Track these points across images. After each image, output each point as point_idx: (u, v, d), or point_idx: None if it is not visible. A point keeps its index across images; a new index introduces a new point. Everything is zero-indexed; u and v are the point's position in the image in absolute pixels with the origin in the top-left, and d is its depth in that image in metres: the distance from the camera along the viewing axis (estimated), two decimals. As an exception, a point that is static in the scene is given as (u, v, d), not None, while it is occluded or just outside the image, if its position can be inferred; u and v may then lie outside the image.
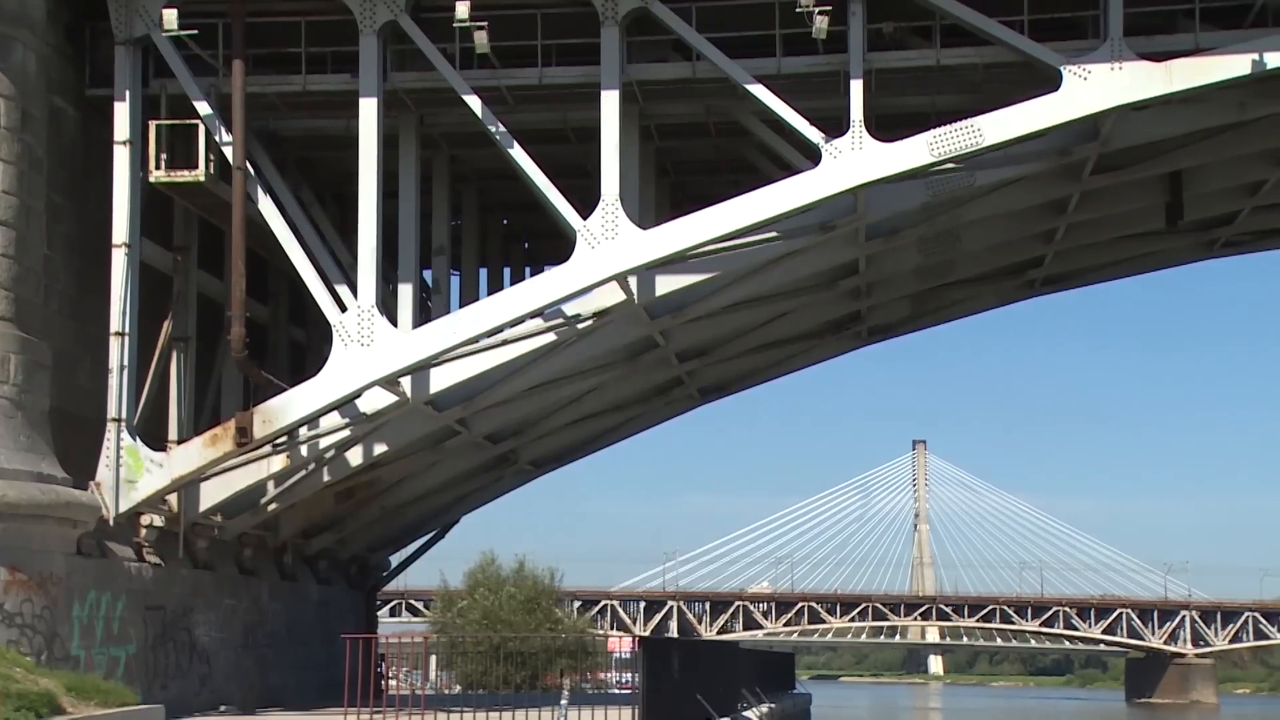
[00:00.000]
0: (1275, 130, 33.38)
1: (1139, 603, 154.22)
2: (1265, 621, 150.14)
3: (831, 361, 46.48)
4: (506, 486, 45.10)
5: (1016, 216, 36.09)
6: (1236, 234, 41.62)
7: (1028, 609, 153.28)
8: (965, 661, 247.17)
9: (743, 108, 30.92)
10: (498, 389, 33.44)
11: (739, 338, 39.29)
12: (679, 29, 29.58)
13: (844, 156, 29.04)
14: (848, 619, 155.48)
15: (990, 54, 29.47)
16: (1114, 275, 45.04)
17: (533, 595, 61.23)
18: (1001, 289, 43.50)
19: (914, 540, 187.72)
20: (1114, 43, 28.37)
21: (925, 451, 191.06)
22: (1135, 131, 31.33)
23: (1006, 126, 28.82)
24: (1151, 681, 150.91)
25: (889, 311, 42.85)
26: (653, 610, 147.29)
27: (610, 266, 29.61)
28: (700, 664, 32.03)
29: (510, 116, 30.61)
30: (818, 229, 31.68)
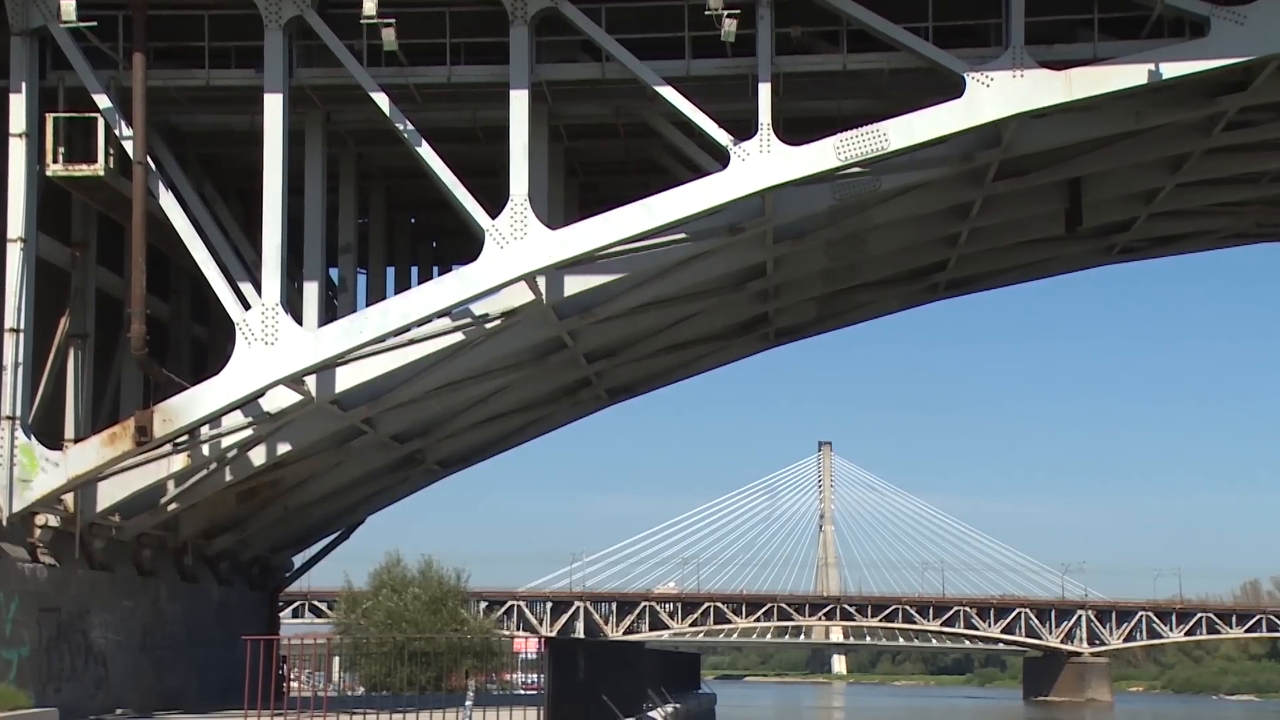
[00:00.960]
0: (1170, 139, 34.15)
1: (1037, 603, 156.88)
2: (1158, 621, 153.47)
3: (739, 363, 46.82)
4: (413, 487, 44.81)
5: (921, 221, 36.56)
6: (1133, 240, 42.52)
7: (929, 609, 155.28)
8: (868, 661, 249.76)
9: (652, 109, 31.01)
10: (404, 389, 33.22)
11: (647, 339, 39.39)
12: (588, 29, 29.59)
13: (752, 159, 29.24)
14: (753, 619, 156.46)
15: (896, 60, 29.84)
16: (1015, 280, 45.81)
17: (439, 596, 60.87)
18: (906, 292, 44.05)
19: (819, 541, 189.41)
20: (1016, 51, 28.85)
21: (831, 453, 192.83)
22: (1036, 138, 31.88)
23: (911, 132, 29.21)
24: (1048, 680, 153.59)
25: (796, 313, 43.20)
26: (559, 611, 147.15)
27: (519, 266, 29.54)
28: (606, 664, 32.06)
29: (418, 114, 30.41)
30: (726, 231, 31.86)
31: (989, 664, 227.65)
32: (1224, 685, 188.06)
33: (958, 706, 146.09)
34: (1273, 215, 42.35)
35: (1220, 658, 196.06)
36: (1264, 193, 40.06)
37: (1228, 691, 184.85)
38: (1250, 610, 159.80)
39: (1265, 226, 43.20)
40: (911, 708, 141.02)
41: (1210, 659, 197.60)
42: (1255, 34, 28.35)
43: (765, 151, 29.23)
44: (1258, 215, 42.39)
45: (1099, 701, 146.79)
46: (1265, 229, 43.42)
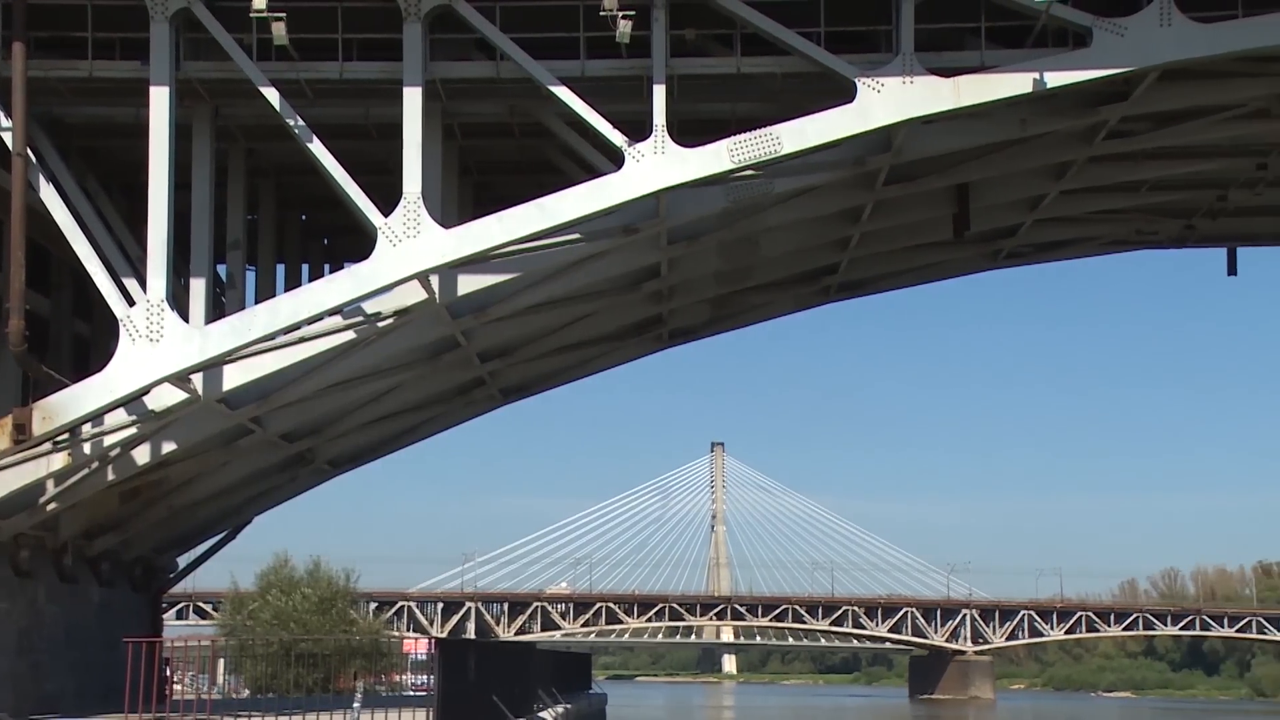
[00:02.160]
0: (1054, 147, 34.88)
1: (923, 602, 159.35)
2: (1040, 619, 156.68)
3: (633, 363, 46.92)
4: (302, 486, 44.27)
5: (813, 224, 36.93)
6: (1019, 245, 43.36)
7: (819, 608, 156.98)
8: (758, 660, 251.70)
9: (547, 109, 30.97)
10: (294, 387, 32.80)
11: (541, 339, 39.32)
12: (483, 28, 29.47)
13: (646, 160, 29.33)
14: (645, 619, 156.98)
15: (789, 64, 30.12)
16: (905, 283, 46.47)
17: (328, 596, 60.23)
18: (799, 294, 44.47)
19: (711, 541, 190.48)
20: (905, 57, 29.28)
21: (723, 453, 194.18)
22: (925, 144, 32.37)
23: (804, 135, 29.51)
24: (934, 678, 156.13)
25: (690, 315, 43.41)
26: (450, 611, 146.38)
27: (411, 265, 29.33)
28: (497, 665, 31.96)
29: (310, 111, 30.06)
30: (620, 232, 31.92)
31: (876, 663, 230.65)
32: (1102, 683, 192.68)
33: (845, 705, 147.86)
34: (1151, 223, 43.45)
35: (1099, 656, 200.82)
36: (1143, 201, 41.10)
37: (1105, 689, 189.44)
38: (1128, 609, 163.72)
39: (1144, 234, 44.29)
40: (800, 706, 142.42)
41: (1089, 657, 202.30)
42: (1135, 45, 29.07)
43: (660, 153, 29.34)
44: (1137, 223, 43.46)
45: (982, 699, 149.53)
46: (1144, 236, 44.51)
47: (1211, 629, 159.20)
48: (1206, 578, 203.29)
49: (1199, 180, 39.82)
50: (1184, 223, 42.95)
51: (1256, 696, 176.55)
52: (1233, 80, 32.02)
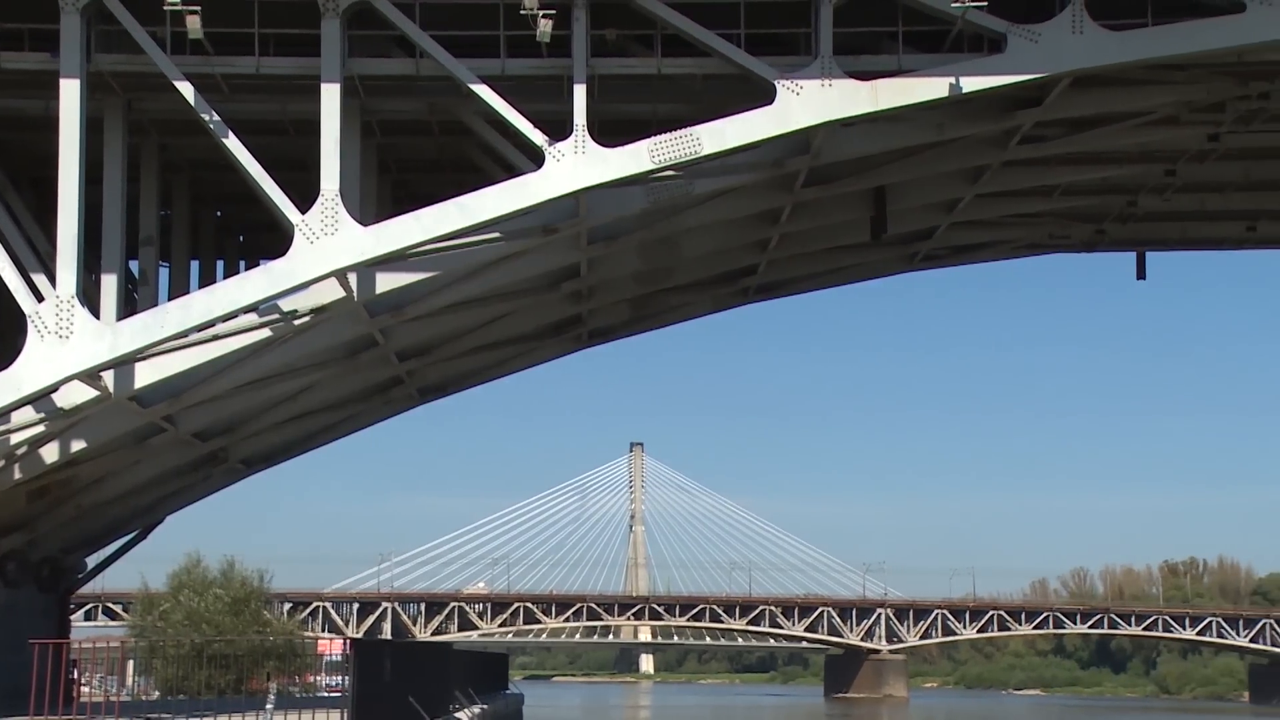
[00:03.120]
0: (970, 151, 35.33)
1: (839, 601, 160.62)
2: (953, 619, 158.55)
3: (552, 363, 46.86)
4: (216, 485, 43.72)
5: (732, 225, 37.11)
6: (935, 248, 43.88)
7: (736, 608, 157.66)
8: (675, 660, 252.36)
9: (467, 107, 30.84)
10: (207, 385, 32.40)
11: (460, 338, 39.15)
12: (402, 25, 29.29)
13: (567, 160, 29.31)
14: (562, 619, 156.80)
15: (709, 65, 30.23)
16: (823, 284, 46.84)
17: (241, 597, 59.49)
18: (717, 295, 44.65)
19: (629, 541, 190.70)
20: (824, 60, 29.51)
21: (642, 453, 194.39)
22: (843, 147, 32.65)
23: (723, 137, 29.65)
24: (848, 677, 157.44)
25: (609, 315, 43.43)
26: (367, 612, 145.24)
27: (329, 263, 29.09)
28: (413, 666, 31.78)
29: (225, 106, 29.70)
30: (540, 231, 31.87)
31: (792, 662, 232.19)
32: (1013, 680, 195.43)
33: (761, 704, 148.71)
34: (1064, 227, 44.15)
35: (1009, 654, 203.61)
36: (1056, 205, 41.76)
37: (1016, 686, 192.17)
38: (1038, 608, 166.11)
39: (1057, 237, 44.99)
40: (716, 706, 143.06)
41: (1000, 655, 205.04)
42: (1048, 52, 29.52)
43: (580, 153, 29.33)
44: (1050, 227, 44.14)
45: (895, 697, 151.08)
46: (1057, 239, 45.21)
47: (1119, 627, 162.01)
48: (1114, 577, 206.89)
49: (1110, 185, 40.54)
50: (1095, 227, 43.70)
51: (1162, 694, 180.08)
52: (1142, 87, 32.64)
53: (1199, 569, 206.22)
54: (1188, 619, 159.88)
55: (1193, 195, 41.40)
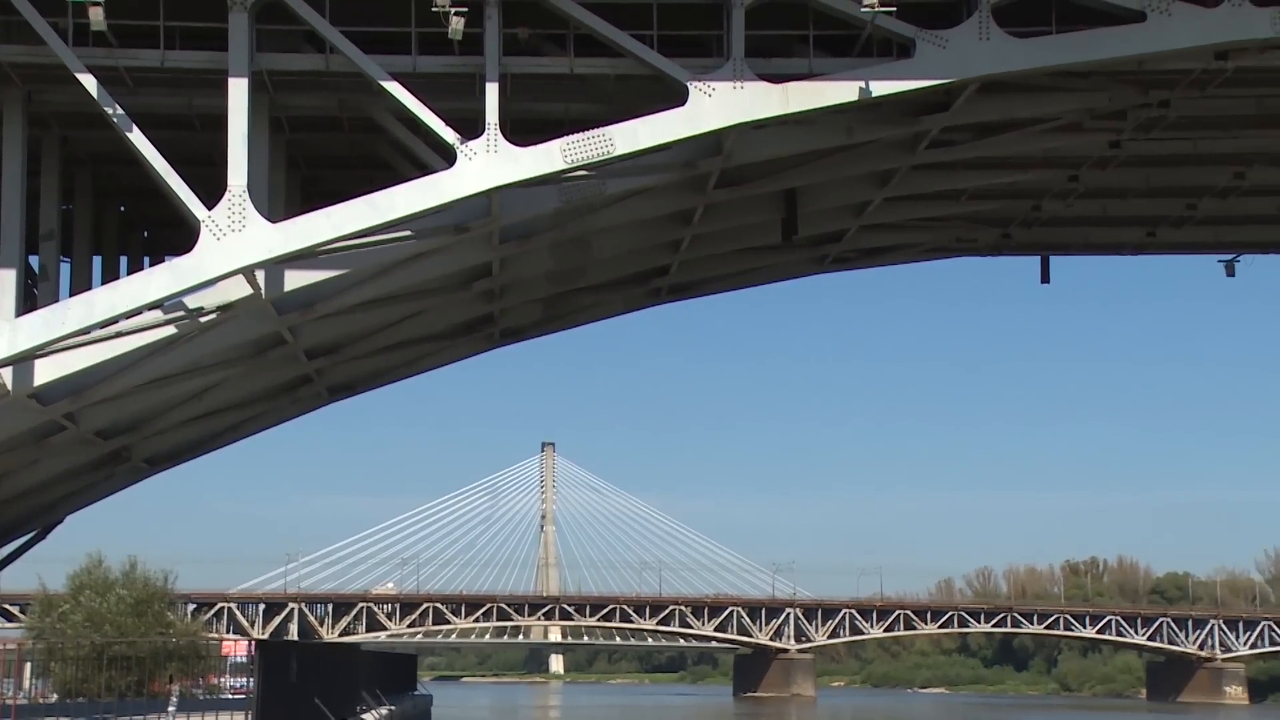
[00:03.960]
0: (879, 155, 35.73)
1: (749, 601, 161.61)
2: (860, 618, 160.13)
3: (464, 362, 46.66)
4: (119, 485, 43.01)
5: (645, 226, 37.20)
6: (845, 251, 44.31)
7: (646, 608, 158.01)
8: (585, 660, 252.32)
9: (378, 104, 30.62)
10: (110, 383, 31.85)
11: (370, 336, 38.85)
12: (311, 19, 29.02)
13: (479, 159, 29.21)
14: (472, 619, 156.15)
15: (622, 65, 30.28)
16: (734, 286, 47.09)
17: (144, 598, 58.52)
18: (630, 295, 44.73)
19: (540, 541, 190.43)
20: (736, 62, 29.69)
21: (554, 453, 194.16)
22: (755, 149, 32.86)
23: (636, 137, 29.71)
24: (757, 676, 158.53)
25: (521, 314, 43.33)
26: (273, 612, 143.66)
27: (236, 259, 28.73)
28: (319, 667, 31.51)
29: (130, 99, 29.24)
30: (452, 230, 31.72)
31: (702, 661, 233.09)
32: (918, 679, 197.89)
33: (670, 704, 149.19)
34: (971, 231, 44.78)
35: (915, 653, 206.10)
36: (963, 209, 42.35)
37: (921, 685, 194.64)
38: (944, 607, 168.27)
39: (964, 241, 45.62)
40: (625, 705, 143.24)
41: (906, 654, 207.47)
42: (955, 57, 29.94)
43: (492, 151, 29.24)
44: (957, 230, 44.75)
45: (803, 696, 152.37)
46: (964, 243, 45.84)
47: (1022, 626, 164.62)
48: (1018, 576, 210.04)
49: (1015, 190, 41.18)
50: (1001, 231, 44.37)
51: (1062, 691, 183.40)
52: (1047, 94, 33.21)
53: (1099, 569, 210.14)
54: (1088, 618, 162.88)
55: (1095, 201, 42.19)
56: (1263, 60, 30.95)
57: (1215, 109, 34.74)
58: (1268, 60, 30.96)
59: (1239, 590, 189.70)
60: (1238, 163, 39.08)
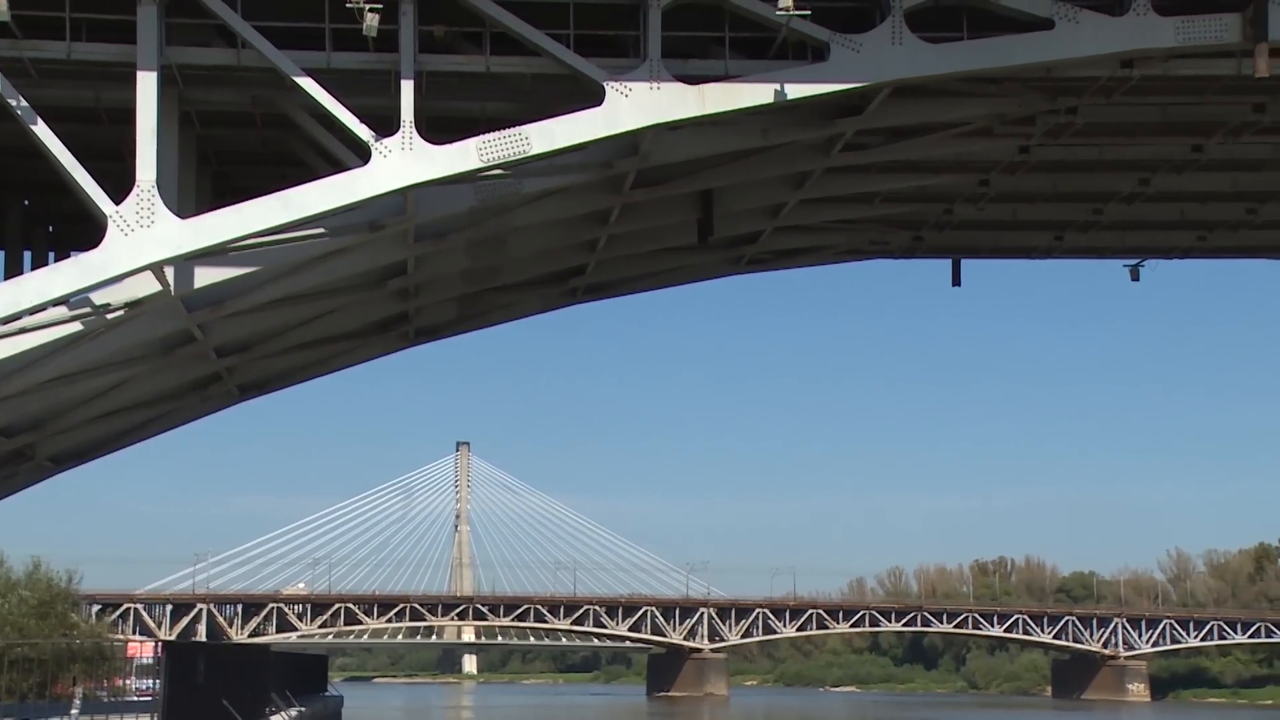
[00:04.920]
0: (794, 157, 35.99)
1: (663, 601, 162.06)
2: (773, 617, 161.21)
3: (378, 361, 46.32)
4: (21, 483, 42.15)
5: (561, 225, 37.17)
6: (760, 252, 44.58)
7: (560, 608, 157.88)
8: (498, 660, 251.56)
9: (291, 100, 30.31)
10: (13, 380, 31.22)
11: (282, 334, 38.44)
12: (222, 13, 28.66)
13: (394, 156, 29.02)
14: (385, 620, 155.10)
15: (538, 65, 30.24)
16: (651, 286, 47.20)
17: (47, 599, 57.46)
18: (546, 295, 44.67)
19: (454, 541, 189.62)
20: (653, 63, 29.76)
21: (469, 453, 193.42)
22: (671, 149, 32.96)
23: (552, 137, 29.68)
24: (671, 676, 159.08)
25: (436, 313, 43.11)
26: (181, 613, 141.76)
27: (144, 255, 28.31)
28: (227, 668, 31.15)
29: (34, 91, 28.69)
30: (366, 228, 31.49)
31: (616, 661, 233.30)
32: (830, 678, 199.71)
33: (583, 704, 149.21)
34: (884, 233, 45.25)
35: (827, 652, 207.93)
36: (876, 212, 42.79)
37: (833, 684, 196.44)
38: (856, 606, 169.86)
39: (877, 244, 46.09)
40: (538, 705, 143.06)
41: (818, 653, 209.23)
42: (869, 61, 30.23)
43: (407, 149, 29.07)
44: (871, 233, 45.21)
45: (716, 695, 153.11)
46: (877, 245, 46.31)
47: (932, 625, 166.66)
48: (928, 576, 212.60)
49: (927, 194, 41.68)
50: (913, 234, 44.89)
51: (970, 689, 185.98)
52: (958, 99, 33.66)
53: (1007, 568, 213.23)
54: (996, 616, 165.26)
55: (1005, 205, 42.80)
56: (1166, 69, 31.58)
57: (1121, 116, 35.40)
58: (1171, 69, 31.60)
59: (1142, 589, 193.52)
60: (1142, 169, 39.86)
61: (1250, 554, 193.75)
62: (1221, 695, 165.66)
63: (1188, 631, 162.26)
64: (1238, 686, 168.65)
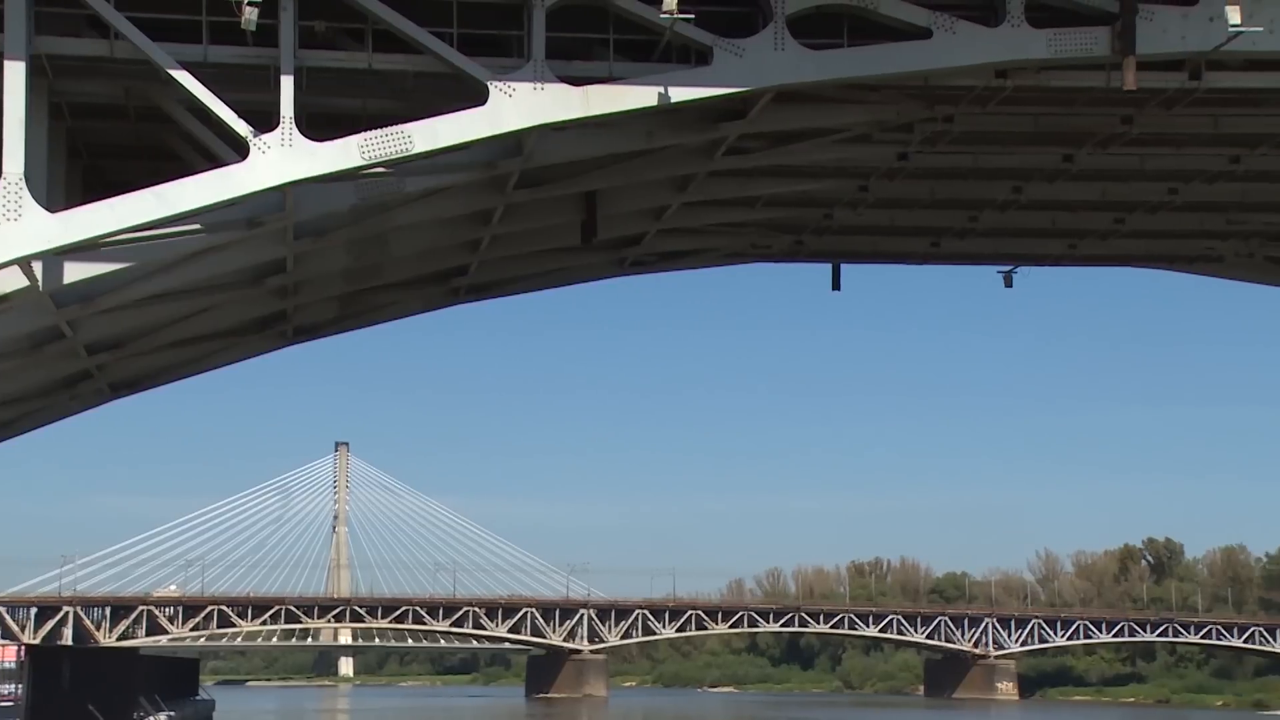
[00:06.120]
0: (678, 160, 36.17)
1: (543, 602, 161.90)
2: (653, 618, 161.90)
3: (256, 360, 45.63)
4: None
5: (444, 225, 36.92)
6: (643, 254, 44.73)
7: (439, 609, 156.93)
8: (376, 663, 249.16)
9: (167, 94, 29.70)
10: (-128, 377, 30.23)
11: (156, 332, 37.68)
12: (94, 3, 28.00)
13: (273, 152, 28.60)
14: (259, 622, 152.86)
15: (421, 63, 30.01)
16: (534, 287, 47.08)
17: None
18: (428, 295, 44.34)
19: (332, 542, 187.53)
20: (537, 64, 29.71)
21: (348, 453, 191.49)
22: (555, 150, 32.92)
23: (435, 136, 29.48)
24: (550, 677, 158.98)
25: (316, 311, 42.58)
26: (46, 616, 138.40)
27: (11, 250, 27.59)
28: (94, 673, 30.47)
29: (-106, 80, 27.78)
30: (244, 224, 30.98)
31: (495, 663, 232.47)
32: (708, 678, 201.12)
33: (461, 706, 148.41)
34: (766, 237, 45.65)
35: (706, 653, 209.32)
36: (759, 215, 43.15)
37: (711, 684, 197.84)
38: (735, 607, 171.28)
39: (759, 247, 46.48)
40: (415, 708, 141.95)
41: (697, 654, 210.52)
42: (751, 67, 30.48)
43: (287, 145, 28.66)
44: (753, 237, 45.59)
45: (595, 697, 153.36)
46: (759, 249, 46.70)
47: (809, 625, 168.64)
48: (806, 577, 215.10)
49: (808, 199, 42.14)
50: (794, 238, 45.35)
51: (846, 689, 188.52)
52: (839, 105, 34.09)
53: (883, 569, 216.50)
54: (872, 617, 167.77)
55: (883, 211, 43.41)
56: (1040, 80, 32.29)
57: (995, 125, 36.12)
58: (1044, 80, 32.31)
59: (1012, 589, 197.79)
60: (1016, 177, 40.71)
61: (1116, 555, 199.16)
62: (1086, 693, 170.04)
63: (1055, 631, 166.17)
64: (1102, 684, 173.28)
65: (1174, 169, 39.71)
